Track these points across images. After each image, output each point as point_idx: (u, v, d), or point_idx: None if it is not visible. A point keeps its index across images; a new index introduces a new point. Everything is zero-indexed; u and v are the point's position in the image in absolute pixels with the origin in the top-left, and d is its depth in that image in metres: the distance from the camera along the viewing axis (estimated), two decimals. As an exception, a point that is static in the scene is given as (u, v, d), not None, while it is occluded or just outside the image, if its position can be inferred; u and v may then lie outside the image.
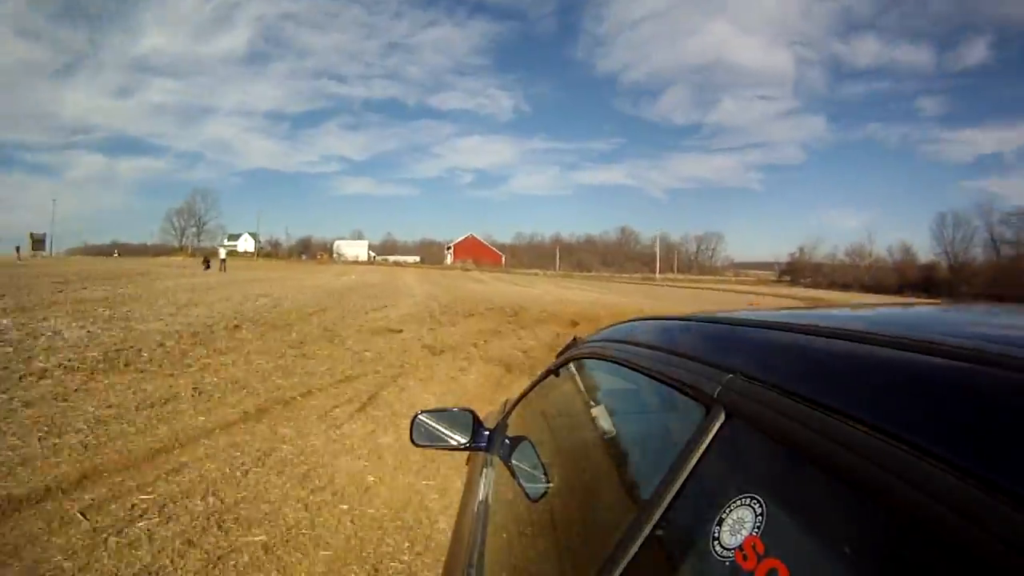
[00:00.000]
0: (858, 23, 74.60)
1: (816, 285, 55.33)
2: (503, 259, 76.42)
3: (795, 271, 66.05)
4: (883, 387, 0.44)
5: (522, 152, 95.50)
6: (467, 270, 58.35)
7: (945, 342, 0.45)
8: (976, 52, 70.57)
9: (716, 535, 0.47)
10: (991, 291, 35.72)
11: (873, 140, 76.28)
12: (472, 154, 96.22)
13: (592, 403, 1.26)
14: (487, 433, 1.49)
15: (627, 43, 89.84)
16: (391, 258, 77.56)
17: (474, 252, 75.71)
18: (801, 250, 69.07)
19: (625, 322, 1.17)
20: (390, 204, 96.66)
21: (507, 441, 1.41)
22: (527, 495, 1.06)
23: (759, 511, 0.45)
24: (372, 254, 79.05)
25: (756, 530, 0.44)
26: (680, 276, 68.60)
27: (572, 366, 1.31)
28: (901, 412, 0.39)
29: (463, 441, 1.46)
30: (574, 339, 1.45)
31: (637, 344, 0.92)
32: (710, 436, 0.55)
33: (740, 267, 78.57)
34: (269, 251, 76.70)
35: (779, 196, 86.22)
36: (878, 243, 57.30)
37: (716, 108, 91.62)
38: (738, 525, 0.46)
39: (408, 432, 1.53)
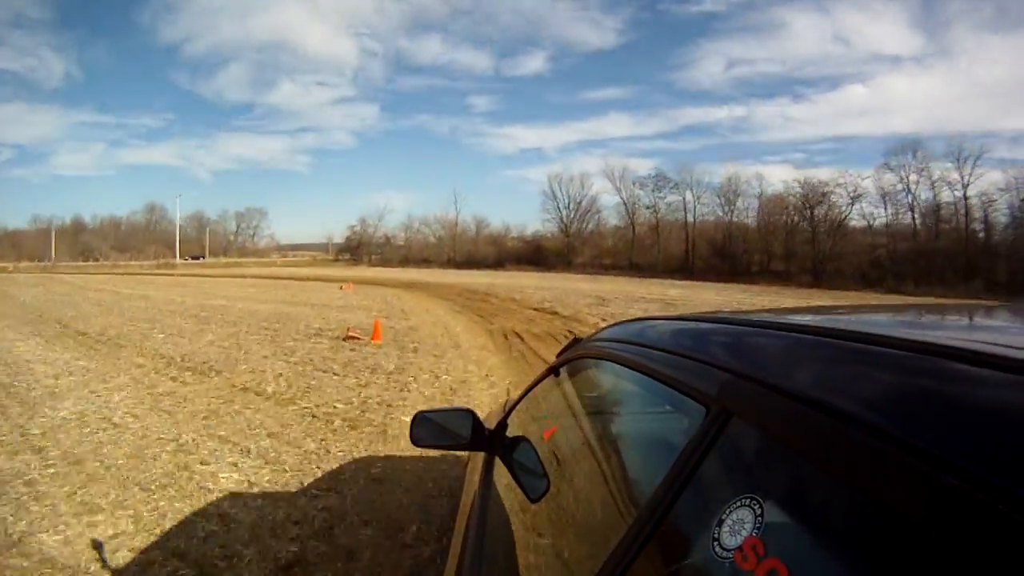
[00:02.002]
0: (429, 24, 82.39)
1: (387, 263, 52.39)
2: None
3: (357, 247, 60.92)
4: (882, 387, 0.44)
5: (68, 126, 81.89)
6: None
7: (945, 342, 0.45)
8: (531, 63, 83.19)
9: (716, 535, 0.47)
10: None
11: (424, 129, 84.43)
12: (12, 125, 75.49)
13: (592, 403, 1.28)
14: (487, 433, 1.47)
15: (198, 9, 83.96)
16: None
17: None
18: (363, 222, 63.01)
19: (625, 322, 1.16)
20: None
21: (507, 441, 1.40)
22: (527, 495, 1.05)
23: (759, 511, 0.45)
24: None
25: (756, 530, 0.44)
26: (212, 260, 59.98)
27: (572, 366, 1.32)
28: (900, 412, 0.39)
29: (463, 440, 1.43)
30: (574, 339, 1.47)
31: (637, 344, 0.92)
32: (710, 436, 0.55)
33: (288, 249, 74.13)
34: None
35: (330, 179, 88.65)
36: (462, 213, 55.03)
37: (274, 90, 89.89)
38: (738, 525, 0.46)
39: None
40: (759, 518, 0.44)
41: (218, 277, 29.40)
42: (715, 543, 0.47)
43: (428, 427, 1.44)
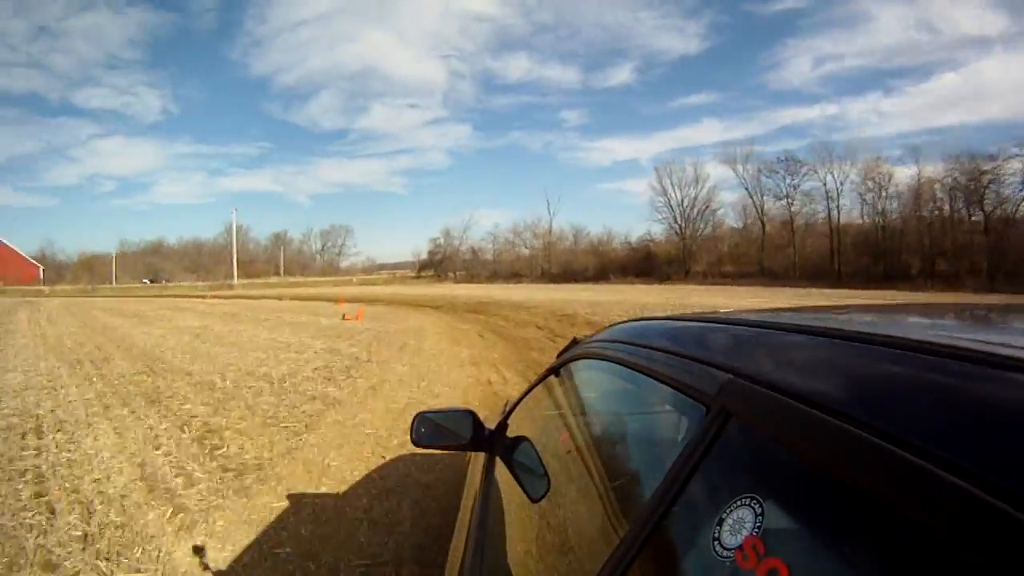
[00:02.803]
0: (513, 43, 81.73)
1: (473, 278, 46.47)
2: (41, 273, 56.08)
3: (441, 262, 55.20)
4: (882, 387, 0.44)
5: (168, 157, 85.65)
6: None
7: (945, 342, 0.45)
8: (618, 74, 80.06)
9: (716, 535, 0.48)
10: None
11: (517, 146, 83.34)
12: (115, 158, 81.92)
13: (592, 403, 1.29)
14: (487, 433, 1.48)
15: (285, 45, 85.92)
16: None
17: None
18: (447, 234, 56.41)
19: (625, 322, 1.17)
20: (29, 216, 79.34)
21: (507, 441, 1.40)
22: (527, 495, 1.06)
23: (759, 511, 0.45)
24: None
25: (756, 530, 0.44)
26: (273, 280, 55.92)
27: (572, 366, 1.32)
28: (900, 412, 0.39)
29: (464, 441, 1.44)
30: (574, 339, 1.47)
31: (637, 344, 0.92)
32: (710, 436, 0.55)
33: (378, 268, 69.76)
34: None
35: (425, 199, 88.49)
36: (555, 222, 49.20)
37: (366, 114, 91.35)
38: (738, 525, 0.46)
39: (404, 435, 1.50)
40: (759, 518, 0.44)
41: (256, 298, 27.13)
42: (715, 543, 0.47)
43: (429, 427, 1.45)
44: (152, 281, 54.87)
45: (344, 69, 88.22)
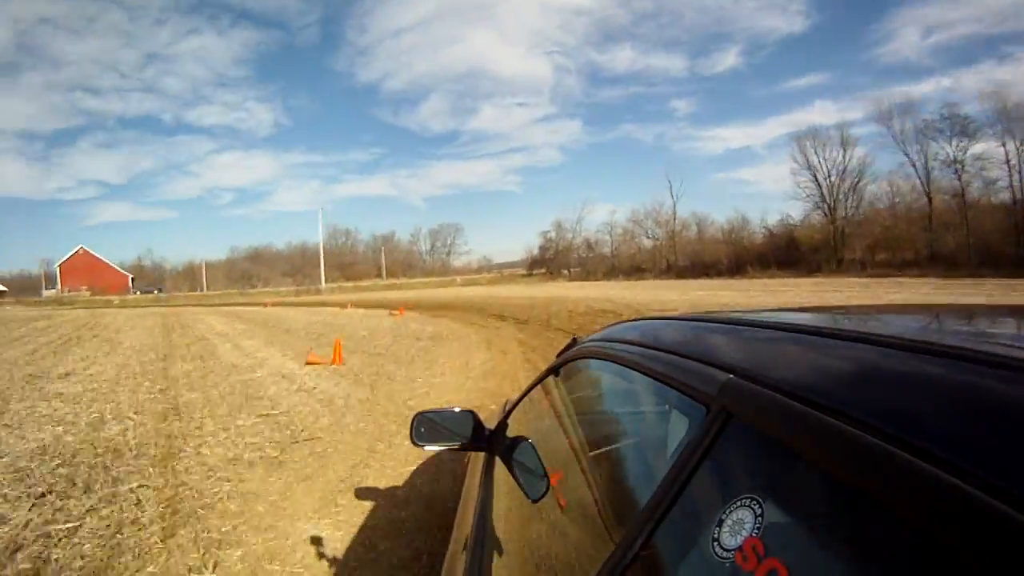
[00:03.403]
0: (615, 34, 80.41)
1: (589, 275, 41.39)
2: (130, 281, 58.97)
3: (553, 258, 49.37)
4: (882, 387, 0.44)
5: (282, 167, 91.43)
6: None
7: (945, 342, 0.45)
8: (725, 59, 76.46)
9: (716, 535, 0.47)
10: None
11: (629, 139, 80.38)
12: (231, 171, 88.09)
13: (592, 403, 1.29)
14: (487, 433, 1.49)
15: (389, 52, 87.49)
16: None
17: (90, 274, 56.71)
18: (559, 227, 50.17)
19: (625, 322, 1.17)
20: (151, 229, 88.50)
21: (507, 441, 1.37)
22: (527, 495, 1.06)
23: (759, 511, 0.45)
24: None
25: (756, 530, 0.44)
26: (365, 283, 52.69)
27: (572, 366, 1.32)
28: (900, 412, 0.39)
29: (464, 441, 1.45)
30: (574, 339, 1.46)
31: (637, 344, 0.92)
32: (710, 436, 0.55)
33: (490, 267, 65.71)
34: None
35: (538, 197, 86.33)
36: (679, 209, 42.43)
37: (476, 115, 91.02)
38: (738, 525, 0.46)
39: (408, 434, 1.50)
40: (759, 518, 0.44)
41: (313, 305, 25.30)
42: (715, 543, 0.47)
43: (429, 427, 1.46)
44: (251, 285, 55.27)
45: (450, 72, 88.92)
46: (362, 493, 3.05)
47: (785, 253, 33.83)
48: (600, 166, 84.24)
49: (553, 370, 1.42)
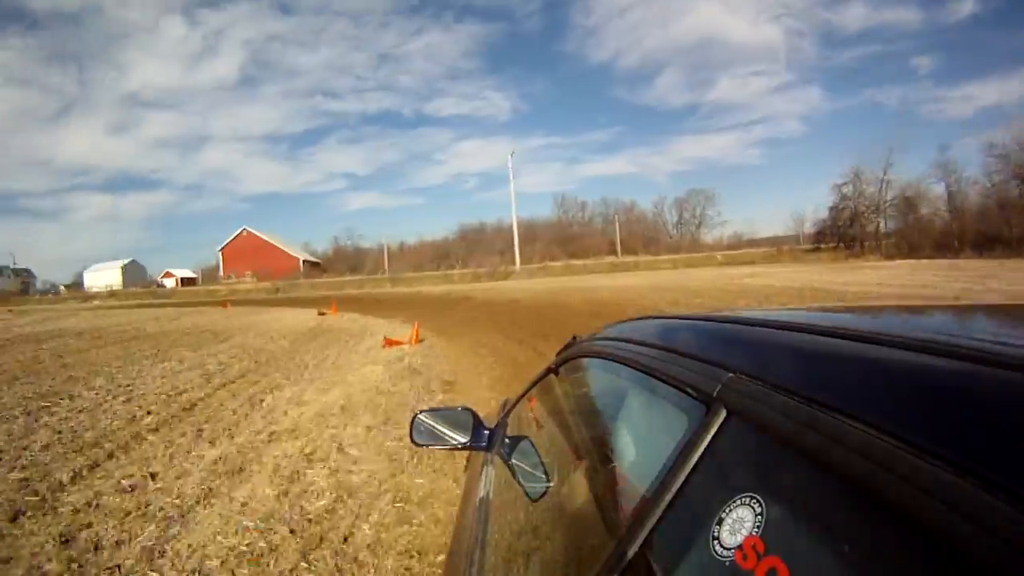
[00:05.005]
0: None
1: (914, 250, 27.23)
2: (301, 265, 51.33)
3: (850, 223, 34.11)
4: (883, 386, 0.44)
5: (523, 151, 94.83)
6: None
7: (945, 342, 0.45)
8: (967, 4, 67.51)
9: (716, 535, 0.47)
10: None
11: (872, 103, 72.36)
12: (474, 157, 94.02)
13: (591, 402, 1.26)
14: (487, 432, 1.48)
15: (617, 31, 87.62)
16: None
17: (255, 258, 49.95)
18: (856, 175, 34.42)
19: (625, 321, 1.15)
20: (397, 215, 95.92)
21: (507, 440, 1.39)
22: (527, 494, 1.06)
23: (759, 511, 0.44)
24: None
25: (756, 530, 0.44)
26: (587, 262, 41.88)
27: (571, 365, 1.29)
28: (901, 411, 0.39)
29: (463, 440, 1.45)
30: (573, 338, 1.40)
31: (637, 343, 0.91)
32: (710, 435, 0.55)
33: (742, 245, 52.26)
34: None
35: (782, 169, 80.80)
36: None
37: (712, 87, 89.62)
38: (738, 525, 0.45)
39: (408, 433, 1.52)
40: (759, 517, 0.44)
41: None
42: (715, 542, 0.47)
43: (429, 426, 1.46)
44: (449, 266, 47.07)
45: (680, 44, 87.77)
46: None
47: None
48: (846, 133, 75.71)
49: (552, 369, 1.38)
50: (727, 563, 0.45)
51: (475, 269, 42.52)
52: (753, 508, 0.45)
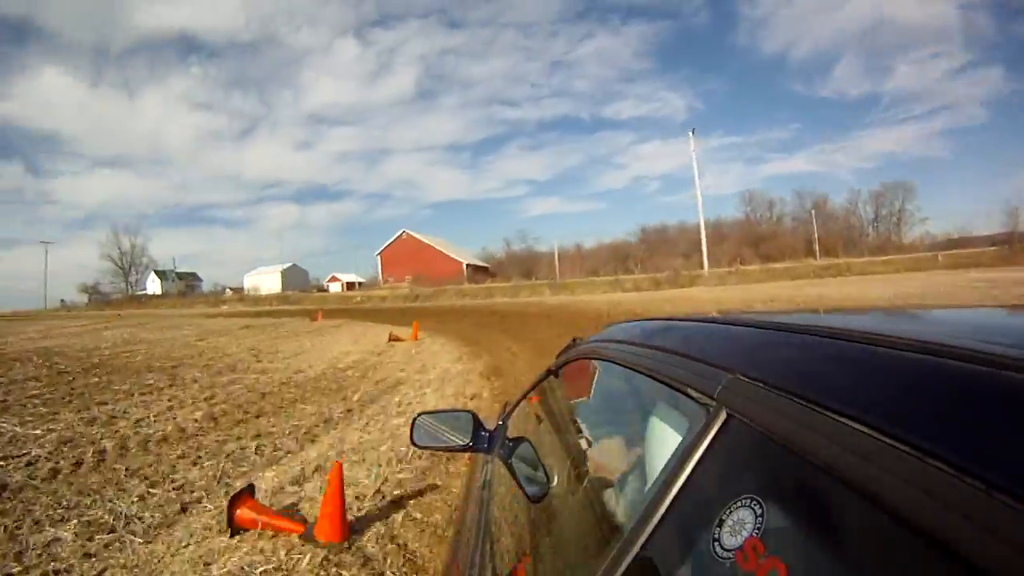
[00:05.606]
0: None
1: None
2: (464, 269, 47.20)
3: None
4: (883, 387, 0.44)
5: (703, 151, 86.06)
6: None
7: (945, 342, 0.45)
8: None
9: (716, 536, 0.47)
10: None
11: None
12: (654, 160, 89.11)
13: (591, 403, 1.25)
14: (487, 434, 1.48)
15: (785, 20, 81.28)
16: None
17: (414, 261, 47.41)
18: None
19: (625, 322, 1.15)
20: (579, 220, 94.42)
21: (507, 442, 1.38)
22: (528, 496, 1.06)
23: (759, 512, 0.44)
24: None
25: (757, 531, 0.44)
26: (775, 267, 35.19)
27: (571, 367, 1.28)
28: (901, 412, 0.39)
29: (464, 442, 1.44)
30: (573, 339, 1.41)
31: (637, 344, 0.91)
32: (710, 436, 0.55)
33: (961, 244, 41.68)
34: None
35: (967, 162, 68.90)
36: None
37: (892, 74, 79.45)
38: (738, 526, 0.45)
39: (408, 434, 1.52)
40: (759, 518, 0.44)
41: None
42: (715, 543, 0.47)
43: (429, 428, 1.46)
44: (626, 270, 42.83)
45: (851, 27, 79.39)
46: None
47: None
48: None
49: (552, 371, 1.38)
50: (728, 564, 0.45)
51: (654, 274, 36.20)
52: (754, 509, 0.45)
